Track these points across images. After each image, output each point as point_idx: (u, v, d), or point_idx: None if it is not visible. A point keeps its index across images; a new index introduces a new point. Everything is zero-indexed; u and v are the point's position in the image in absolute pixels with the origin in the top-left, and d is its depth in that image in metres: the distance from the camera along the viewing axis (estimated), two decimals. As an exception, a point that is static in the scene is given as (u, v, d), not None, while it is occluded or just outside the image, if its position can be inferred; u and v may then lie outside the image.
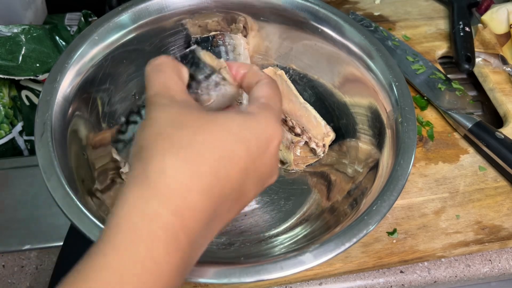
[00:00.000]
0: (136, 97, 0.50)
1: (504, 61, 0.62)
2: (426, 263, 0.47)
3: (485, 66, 0.63)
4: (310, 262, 0.33)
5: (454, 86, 0.60)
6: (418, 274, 0.47)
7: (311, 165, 0.51)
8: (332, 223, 0.40)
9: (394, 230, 0.48)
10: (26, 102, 0.58)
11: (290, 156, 0.50)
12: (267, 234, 0.44)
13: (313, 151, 0.51)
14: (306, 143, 0.52)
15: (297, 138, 0.51)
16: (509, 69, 0.62)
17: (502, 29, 0.66)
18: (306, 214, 0.46)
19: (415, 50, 0.64)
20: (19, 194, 0.48)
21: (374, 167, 0.42)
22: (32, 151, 0.57)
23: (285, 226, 0.45)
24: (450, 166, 0.54)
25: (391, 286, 0.46)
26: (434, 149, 0.55)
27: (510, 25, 0.65)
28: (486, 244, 0.47)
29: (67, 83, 0.41)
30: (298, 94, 0.52)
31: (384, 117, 0.44)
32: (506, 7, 0.66)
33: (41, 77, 0.56)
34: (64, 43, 0.56)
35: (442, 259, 0.48)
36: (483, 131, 0.53)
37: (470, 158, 0.55)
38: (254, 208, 0.47)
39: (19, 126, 0.56)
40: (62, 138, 0.40)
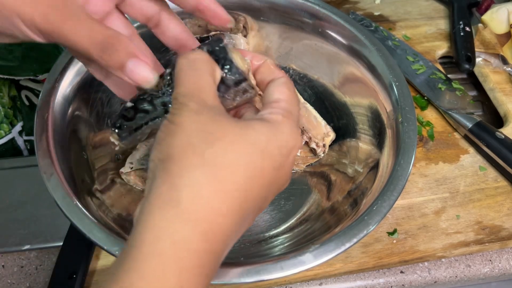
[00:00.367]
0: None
1: (504, 61, 0.62)
2: (426, 263, 0.47)
3: (485, 66, 0.63)
4: (310, 262, 0.33)
5: (454, 86, 0.60)
6: (419, 274, 0.47)
7: (311, 165, 0.51)
8: (332, 223, 0.40)
9: (395, 230, 0.48)
10: (26, 102, 0.58)
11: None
12: (267, 234, 0.44)
13: (313, 151, 0.51)
14: (306, 143, 0.52)
15: (297, 138, 0.51)
16: (509, 69, 0.62)
17: (502, 29, 0.65)
18: (306, 214, 0.46)
19: (415, 50, 0.64)
20: (19, 194, 0.48)
21: (374, 167, 0.42)
22: (32, 151, 0.57)
23: (285, 226, 0.45)
24: (450, 166, 0.54)
25: (391, 286, 0.46)
26: (434, 149, 0.55)
27: (511, 25, 0.65)
28: (487, 244, 0.47)
29: (67, 83, 0.41)
30: (298, 94, 0.52)
31: (384, 117, 0.44)
32: (506, 7, 0.66)
33: (41, 77, 0.56)
34: (64, 43, 0.56)
35: (443, 259, 0.47)
36: (484, 131, 0.53)
37: (471, 158, 0.55)
38: (254, 208, 0.47)
39: (19, 126, 0.56)
40: (62, 138, 0.40)
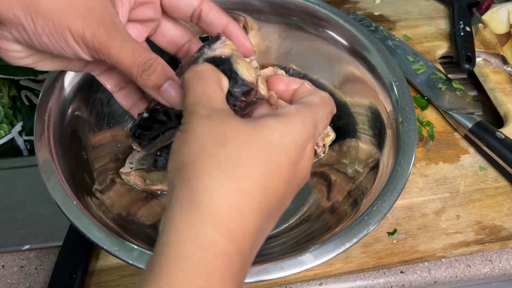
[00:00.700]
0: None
1: (504, 61, 0.62)
2: (426, 263, 0.47)
3: (485, 66, 0.63)
4: (310, 262, 0.32)
5: (455, 86, 0.60)
6: (419, 274, 0.47)
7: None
8: (332, 223, 0.40)
9: (395, 230, 0.48)
10: (26, 102, 0.58)
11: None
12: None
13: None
14: (306, 143, 0.51)
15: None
16: (509, 69, 0.62)
17: (502, 29, 0.65)
18: (306, 214, 0.46)
19: (416, 50, 0.64)
20: (19, 194, 0.48)
21: (375, 167, 0.42)
22: (31, 151, 0.57)
23: (285, 226, 0.45)
24: (450, 166, 0.54)
25: (392, 287, 0.46)
26: (434, 149, 0.55)
27: (511, 25, 0.65)
28: (487, 244, 0.47)
29: (67, 83, 0.41)
30: None
31: (384, 117, 0.44)
32: (506, 7, 0.66)
33: (40, 77, 0.56)
34: (63, 43, 0.56)
35: (443, 259, 0.47)
36: (484, 131, 0.53)
37: (471, 158, 0.55)
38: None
39: (19, 126, 0.56)
40: (62, 138, 0.40)
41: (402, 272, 0.47)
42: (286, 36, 0.51)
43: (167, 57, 0.35)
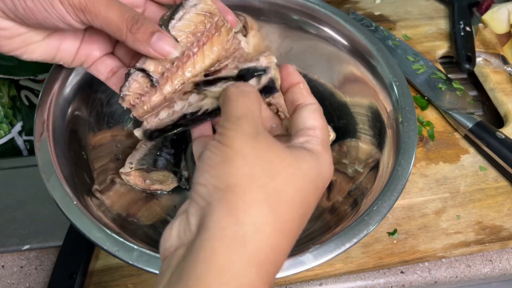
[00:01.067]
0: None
1: (504, 61, 0.62)
2: (426, 264, 0.47)
3: (485, 66, 0.63)
4: (310, 262, 0.32)
5: (455, 86, 0.60)
6: (419, 274, 0.47)
7: (311, 165, 0.51)
8: (332, 223, 0.40)
9: (395, 231, 0.48)
10: (26, 102, 0.58)
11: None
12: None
13: (313, 151, 0.51)
14: (306, 143, 0.51)
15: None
16: (509, 69, 0.62)
17: (502, 29, 0.65)
18: (306, 214, 0.45)
19: (416, 49, 0.64)
20: (19, 194, 0.48)
21: (375, 167, 0.42)
22: (31, 151, 0.57)
23: (285, 226, 0.45)
24: (450, 166, 0.54)
25: (392, 287, 0.46)
26: (434, 149, 0.55)
27: (511, 24, 0.65)
28: (487, 244, 0.47)
29: (67, 83, 0.41)
30: None
31: (384, 117, 0.44)
32: (506, 7, 0.66)
33: (40, 77, 0.56)
34: (63, 43, 0.56)
35: (443, 260, 0.47)
36: (484, 131, 0.53)
37: (471, 158, 0.55)
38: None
39: (19, 126, 0.56)
40: (62, 138, 0.39)
41: (402, 272, 0.47)
42: (286, 36, 0.51)
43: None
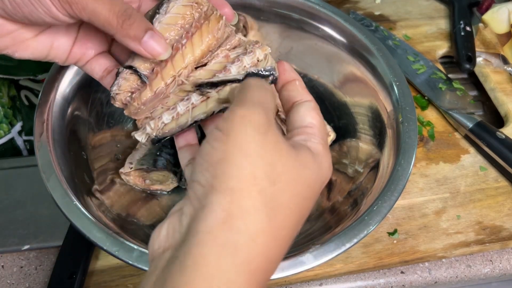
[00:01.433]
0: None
1: (505, 60, 0.62)
2: (426, 264, 0.47)
3: (486, 66, 0.63)
4: (310, 262, 0.32)
5: (455, 86, 0.60)
6: (419, 274, 0.47)
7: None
8: (332, 224, 0.40)
9: (395, 231, 0.48)
10: (25, 102, 0.58)
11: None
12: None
13: (313, 151, 0.51)
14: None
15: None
16: (510, 68, 0.62)
17: (503, 28, 0.65)
18: (307, 214, 0.45)
19: (416, 49, 0.64)
20: (19, 194, 0.48)
21: (375, 167, 0.42)
22: (31, 151, 0.57)
23: (285, 227, 0.45)
24: (451, 166, 0.54)
25: (392, 287, 0.46)
26: (435, 149, 0.55)
27: (511, 24, 0.65)
28: (487, 244, 0.47)
29: (66, 83, 0.41)
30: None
31: (384, 117, 0.44)
32: (507, 7, 0.66)
33: (40, 77, 0.56)
34: (63, 43, 0.56)
35: (443, 260, 0.47)
36: (484, 131, 0.53)
37: (471, 158, 0.55)
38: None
39: (18, 126, 0.56)
40: (62, 138, 0.39)
41: (402, 272, 0.47)
42: (286, 35, 0.51)
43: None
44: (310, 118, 0.28)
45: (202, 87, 0.32)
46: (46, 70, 0.54)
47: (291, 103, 0.30)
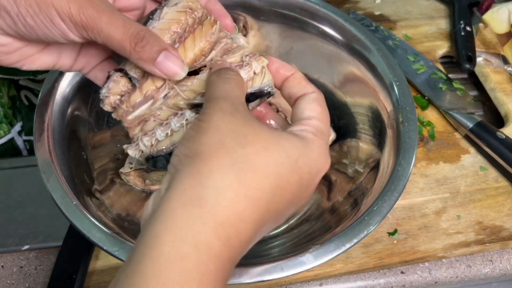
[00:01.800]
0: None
1: (505, 60, 0.62)
2: (427, 264, 0.47)
3: (486, 66, 0.63)
4: (310, 262, 0.32)
5: (455, 86, 0.60)
6: (419, 274, 0.46)
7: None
8: (332, 224, 0.40)
9: (395, 231, 0.48)
10: (25, 102, 0.57)
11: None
12: (267, 235, 0.44)
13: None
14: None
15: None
16: (510, 68, 0.62)
17: (503, 28, 0.65)
18: (307, 214, 0.45)
19: (416, 49, 0.64)
20: (18, 194, 0.48)
21: (375, 167, 0.42)
22: (31, 151, 0.57)
23: (285, 227, 0.45)
24: (451, 166, 0.54)
25: (392, 287, 0.46)
26: (435, 149, 0.55)
27: (511, 24, 0.65)
28: (487, 244, 0.47)
29: (66, 83, 0.41)
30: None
31: (384, 117, 0.44)
32: (507, 7, 0.66)
33: (40, 76, 0.56)
34: (63, 43, 0.56)
35: (443, 260, 0.47)
36: (484, 131, 0.53)
37: (471, 158, 0.54)
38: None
39: (18, 126, 0.56)
40: (61, 138, 0.39)
41: (402, 272, 0.47)
42: (286, 35, 0.51)
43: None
44: (308, 111, 0.29)
45: (197, 107, 0.31)
46: (46, 70, 0.54)
47: (294, 100, 0.30)
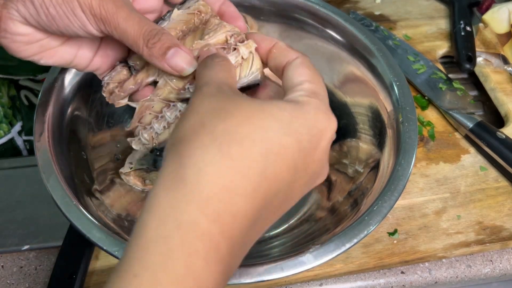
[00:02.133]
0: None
1: (505, 60, 0.62)
2: (427, 264, 0.47)
3: (486, 66, 0.63)
4: (310, 262, 0.32)
5: (455, 86, 0.60)
6: (419, 274, 0.46)
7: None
8: (332, 224, 0.40)
9: (395, 231, 0.48)
10: (25, 102, 0.57)
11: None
12: (267, 235, 0.44)
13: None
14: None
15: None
16: (510, 68, 0.62)
17: (503, 28, 0.65)
18: (307, 214, 0.45)
19: (416, 49, 0.64)
20: (18, 194, 0.48)
21: (375, 167, 0.42)
22: (31, 151, 0.57)
23: (285, 227, 0.45)
24: (451, 166, 0.54)
25: (392, 287, 0.46)
26: (435, 149, 0.55)
27: (511, 24, 0.64)
28: (487, 244, 0.47)
29: (66, 83, 0.41)
30: None
31: (385, 117, 0.44)
32: (507, 7, 0.66)
33: (40, 76, 0.56)
34: (63, 43, 0.56)
35: (443, 260, 0.47)
36: (484, 131, 0.53)
37: (471, 158, 0.54)
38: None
39: (18, 126, 0.56)
40: (61, 138, 0.39)
41: (402, 272, 0.47)
42: (286, 35, 0.51)
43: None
44: (297, 76, 0.27)
45: (188, 100, 0.32)
46: (46, 70, 0.54)
47: (281, 71, 0.29)
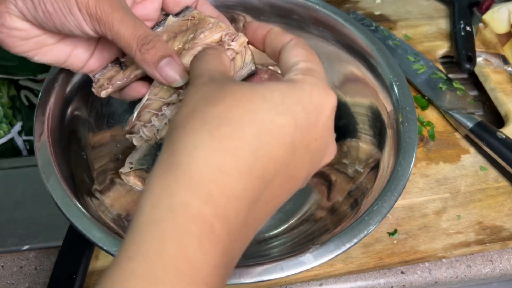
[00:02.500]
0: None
1: (505, 60, 0.62)
2: (427, 264, 0.47)
3: (486, 66, 0.63)
4: (310, 262, 0.32)
5: (455, 86, 0.60)
6: (419, 274, 0.46)
7: (312, 165, 0.51)
8: (332, 224, 0.40)
9: (395, 231, 0.48)
10: (25, 102, 0.57)
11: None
12: (267, 235, 0.44)
13: (313, 151, 0.51)
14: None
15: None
16: (510, 68, 0.62)
17: (503, 28, 0.65)
18: (307, 214, 0.45)
19: (416, 49, 0.64)
20: (18, 194, 0.48)
21: (375, 167, 0.42)
22: (31, 151, 0.57)
23: (285, 227, 0.45)
24: (451, 166, 0.54)
25: (392, 287, 0.46)
26: (435, 149, 0.55)
27: (511, 24, 0.64)
28: (487, 244, 0.47)
29: (67, 83, 0.41)
30: None
31: (385, 117, 0.44)
32: (507, 7, 0.66)
33: (40, 76, 0.56)
34: (63, 43, 0.56)
35: (443, 260, 0.47)
36: (484, 131, 0.53)
37: (471, 158, 0.54)
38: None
39: (18, 126, 0.56)
40: (61, 138, 0.39)
41: (402, 272, 0.47)
42: (286, 35, 0.51)
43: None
44: (292, 57, 0.27)
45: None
46: (46, 70, 0.54)
47: (277, 56, 0.29)
